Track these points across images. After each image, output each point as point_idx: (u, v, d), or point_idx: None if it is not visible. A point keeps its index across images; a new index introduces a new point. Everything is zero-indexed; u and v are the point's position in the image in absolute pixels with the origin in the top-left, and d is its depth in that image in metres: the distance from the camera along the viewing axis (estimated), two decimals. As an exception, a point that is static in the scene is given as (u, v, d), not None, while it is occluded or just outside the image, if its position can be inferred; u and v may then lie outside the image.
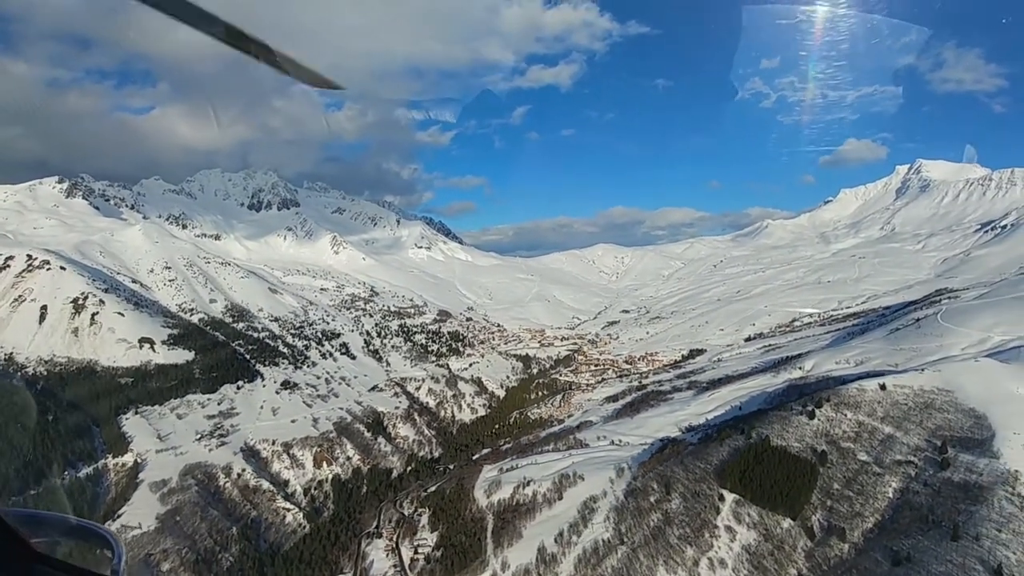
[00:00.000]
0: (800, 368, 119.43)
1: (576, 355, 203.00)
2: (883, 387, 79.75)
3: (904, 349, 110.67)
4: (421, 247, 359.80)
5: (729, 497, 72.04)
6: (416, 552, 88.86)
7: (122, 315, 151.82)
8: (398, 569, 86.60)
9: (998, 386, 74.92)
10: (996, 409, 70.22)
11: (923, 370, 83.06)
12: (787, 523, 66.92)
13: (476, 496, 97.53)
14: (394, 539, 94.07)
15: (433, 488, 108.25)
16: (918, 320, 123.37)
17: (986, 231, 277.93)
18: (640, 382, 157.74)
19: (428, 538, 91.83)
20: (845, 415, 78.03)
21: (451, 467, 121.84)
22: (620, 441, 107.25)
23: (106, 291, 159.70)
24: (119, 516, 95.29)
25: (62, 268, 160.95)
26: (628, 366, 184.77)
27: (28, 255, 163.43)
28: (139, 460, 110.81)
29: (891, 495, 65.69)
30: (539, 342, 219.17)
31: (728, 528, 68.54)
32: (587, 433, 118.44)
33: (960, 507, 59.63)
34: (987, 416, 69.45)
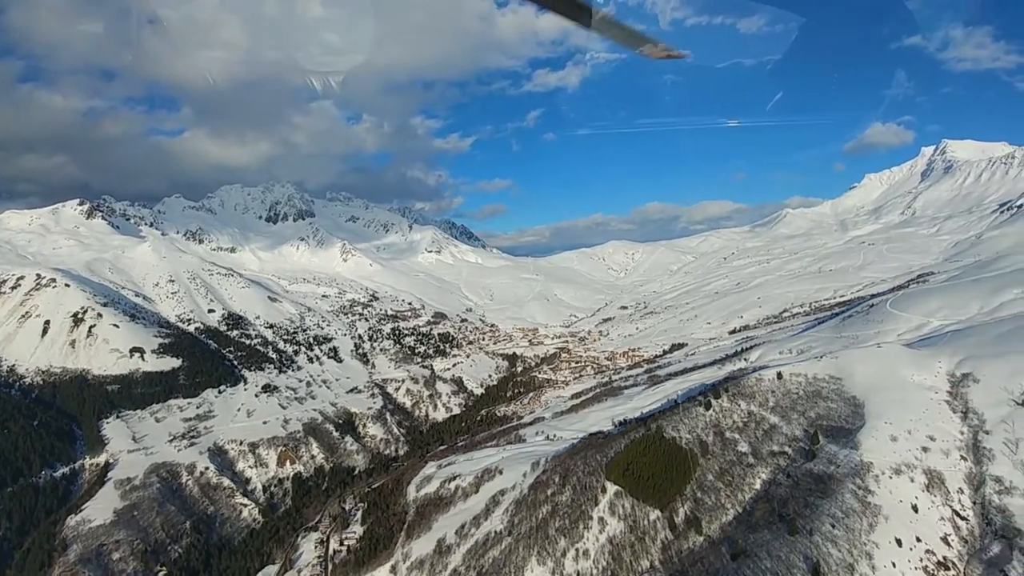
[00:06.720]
0: (745, 360, 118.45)
1: (561, 353, 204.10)
2: (780, 376, 79.46)
3: (845, 337, 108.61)
4: (431, 251, 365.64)
5: (611, 489, 73.34)
6: (341, 544, 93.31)
7: (117, 327, 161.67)
8: (321, 559, 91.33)
9: (891, 373, 73.45)
10: (877, 397, 69.13)
11: (821, 358, 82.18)
12: (655, 515, 67.74)
13: (408, 491, 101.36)
14: (327, 532, 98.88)
15: (377, 484, 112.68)
16: (871, 307, 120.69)
17: (1002, 211, 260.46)
18: (611, 378, 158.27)
19: (357, 531, 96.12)
20: (739, 405, 78.16)
21: (404, 464, 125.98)
22: (554, 436, 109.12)
23: (105, 305, 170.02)
24: (81, 510, 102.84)
25: (66, 285, 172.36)
26: (608, 363, 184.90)
27: (37, 274, 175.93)
28: (111, 460, 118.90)
29: (758, 487, 65.74)
30: (529, 341, 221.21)
31: (601, 520, 69.93)
32: (531, 429, 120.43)
33: (810, 500, 59.54)
34: (865, 404, 68.74)
